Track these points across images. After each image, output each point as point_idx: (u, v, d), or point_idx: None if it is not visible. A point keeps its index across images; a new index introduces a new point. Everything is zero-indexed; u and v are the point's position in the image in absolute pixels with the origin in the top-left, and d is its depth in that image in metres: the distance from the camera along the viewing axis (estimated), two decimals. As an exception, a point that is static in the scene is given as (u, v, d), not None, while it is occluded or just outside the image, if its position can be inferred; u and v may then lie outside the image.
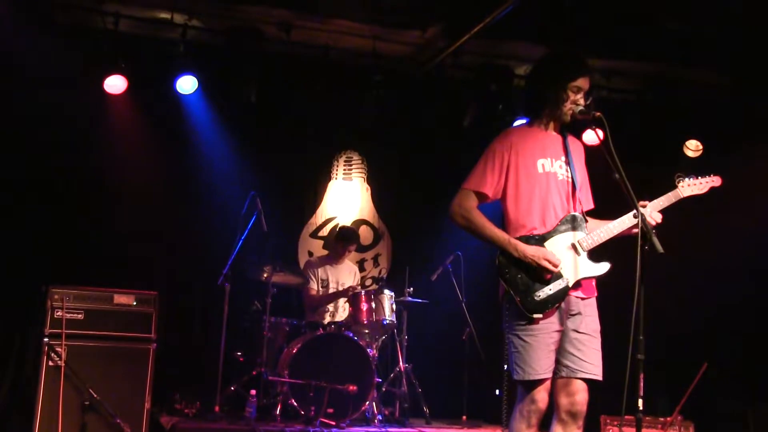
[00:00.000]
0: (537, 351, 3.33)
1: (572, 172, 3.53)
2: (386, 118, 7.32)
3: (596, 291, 3.51)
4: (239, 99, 6.77)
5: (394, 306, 6.50)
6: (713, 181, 3.66)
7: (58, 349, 5.10)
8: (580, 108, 3.46)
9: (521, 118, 5.93)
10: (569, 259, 3.41)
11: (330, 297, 6.80)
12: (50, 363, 5.08)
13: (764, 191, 6.63)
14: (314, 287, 6.84)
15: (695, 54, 6.67)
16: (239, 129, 7.17)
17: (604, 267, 3.43)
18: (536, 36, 6.49)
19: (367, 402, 5.97)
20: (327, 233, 7.75)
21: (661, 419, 5.51)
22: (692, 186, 3.61)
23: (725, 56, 6.61)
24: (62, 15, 6.43)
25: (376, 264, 7.95)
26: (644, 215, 3.28)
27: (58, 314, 5.15)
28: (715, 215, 5.97)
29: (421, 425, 6.28)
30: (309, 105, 7.15)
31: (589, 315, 3.44)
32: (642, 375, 3.05)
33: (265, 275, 6.41)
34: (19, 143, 6.18)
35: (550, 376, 3.37)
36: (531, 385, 3.35)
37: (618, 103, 7.31)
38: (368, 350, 6.17)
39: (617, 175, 3.22)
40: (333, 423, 5.64)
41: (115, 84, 6.47)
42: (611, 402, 3.55)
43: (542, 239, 3.41)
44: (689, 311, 6.92)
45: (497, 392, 5.84)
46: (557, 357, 3.38)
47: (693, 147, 7.30)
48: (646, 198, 3.50)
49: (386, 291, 6.46)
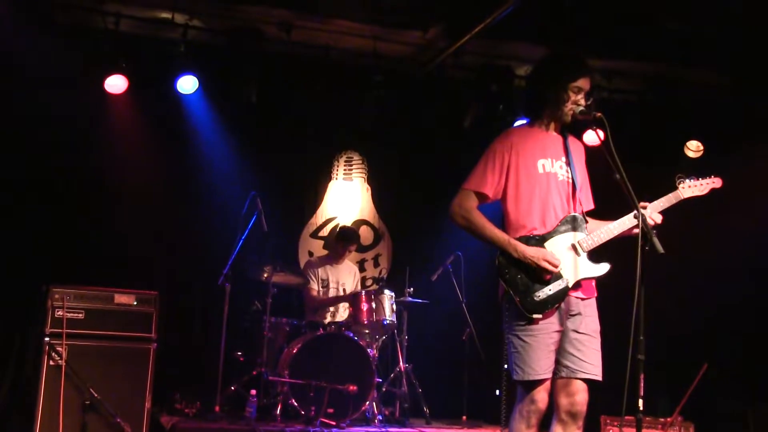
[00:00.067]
0: (537, 351, 3.33)
1: (572, 173, 3.53)
2: (386, 119, 7.32)
3: (596, 291, 3.51)
4: (240, 99, 6.77)
5: (395, 306, 6.50)
6: (714, 183, 3.66)
7: (59, 349, 5.10)
8: (581, 108, 3.46)
9: (522, 119, 5.95)
10: (569, 260, 3.41)
11: (330, 301, 6.81)
12: (51, 362, 5.07)
13: (764, 192, 6.63)
14: (315, 287, 6.84)
15: (695, 54, 6.68)
16: (240, 129, 7.16)
17: (604, 268, 3.44)
18: (537, 36, 6.49)
19: (368, 402, 5.97)
20: (327, 233, 7.75)
21: (662, 420, 5.51)
22: (693, 187, 3.61)
23: (725, 56, 6.61)
24: (62, 15, 6.43)
25: (377, 264, 7.95)
26: (645, 215, 3.28)
27: (59, 314, 5.15)
28: (715, 216, 5.96)
29: (422, 425, 6.28)
30: (309, 105, 7.15)
31: (589, 315, 3.44)
32: (642, 375, 3.05)
33: (266, 275, 6.41)
34: (19, 143, 6.18)
35: (550, 377, 3.37)
36: (531, 386, 3.35)
37: (618, 104, 7.31)
38: (368, 350, 6.17)
39: (618, 176, 3.22)
40: (333, 423, 5.64)
41: (116, 84, 6.47)
42: (611, 402, 3.55)
43: (542, 240, 3.41)
44: (689, 312, 6.92)
45: (497, 392, 5.84)
46: (557, 357, 3.38)
47: (694, 148, 7.30)
48: (647, 198, 3.50)
49: (386, 291, 6.46)
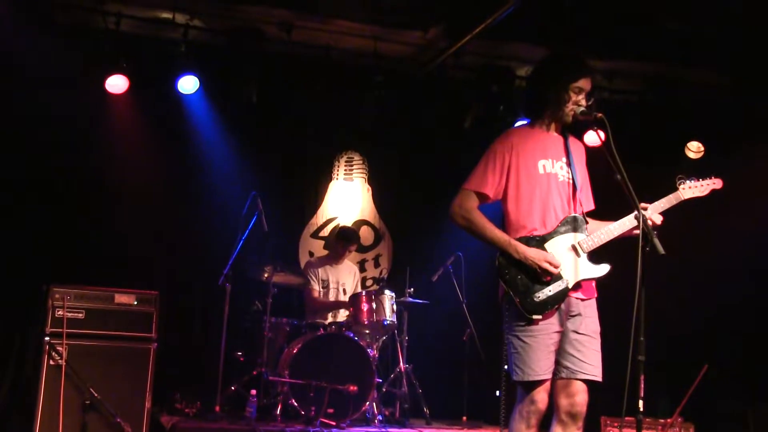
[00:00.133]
0: (536, 352, 3.33)
1: (573, 173, 3.53)
2: (387, 119, 7.32)
3: (596, 292, 3.51)
4: (240, 99, 6.77)
5: (395, 306, 6.50)
6: (714, 184, 3.66)
7: (59, 348, 5.10)
8: (582, 109, 3.46)
9: (522, 119, 5.94)
10: (569, 261, 3.41)
11: (331, 305, 6.81)
12: (51, 362, 5.07)
13: (764, 192, 6.63)
14: (316, 288, 6.84)
15: (695, 54, 6.67)
16: (240, 129, 7.16)
17: (604, 268, 3.44)
18: (537, 37, 6.49)
19: (368, 402, 5.97)
20: (328, 233, 7.75)
21: (662, 420, 5.51)
22: (693, 188, 3.61)
23: (725, 56, 6.61)
24: (63, 15, 6.43)
25: (377, 264, 7.95)
26: (645, 216, 3.28)
27: (59, 313, 5.15)
28: (716, 216, 5.96)
29: (422, 426, 6.28)
30: (310, 105, 7.15)
31: (589, 316, 3.44)
32: (642, 376, 3.05)
33: (266, 275, 6.41)
34: (19, 143, 6.18)
35: (550, 377, 3.37)
36: (530, 386, 3.35)
37: (619, 104, 7.31)
38: (369, 350, 6.17)
39: (618, 176, 3.22)
40: (333, 423, 5.64)
41: (117, 84, 6.47)
42: (612, 403, 3.55)
43: (542, 240, 3.41)
44: (690, 312, 6.92)
45: (497, 393, 5.84)
46: (557, 358, 3.38)
47: (694, 149, 7.30)
48: (647, 199, 3.50)
49: (387, 291, 6.45)
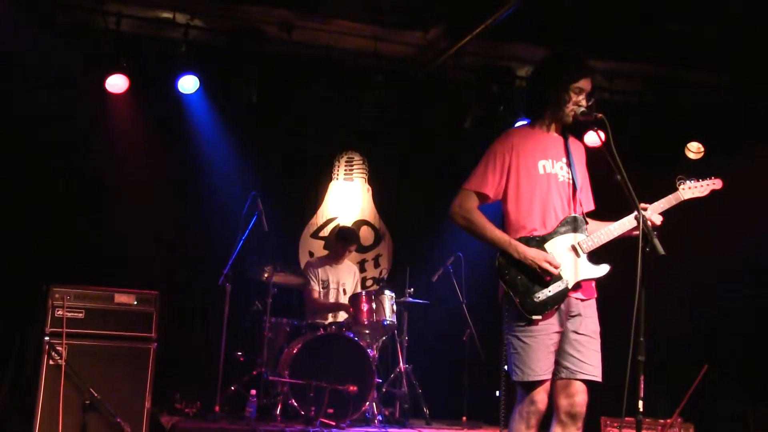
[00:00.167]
0: (536, 352, 3.33)
1: (573, 174, 3.53)
2: (387, 119, 7.32)
3: (596, 292, 3.51)
4: (240, 99, 6.77)
5: (395, 307, 6.50)
6: (714, 184, 3.66)
7: (59, 348, 5.10)
8: (582, 109, 3.46)
9: (522, 120, 5.93)
10: (569, 261, 3.41)
11: (330, 306, 6.81)
12: (51, 362, 5.08)
13: (764, 193, 6.63)
14: (315, 288, 6.84)
15: (695, 54, 6.68)
16: (240, 129, 7.16)
17: (604, 269, 3.43)
18: (537, 37, 6.49)
19: (368, 402, 5.97)
20: (328, 234, 7.75)
21: (662, 421, 5.51)
22: (693, 189, 3.61)
23: (725, 56, 6.61)
24: (63, 15, 6.43)
25: (377, 264, 7.95)
26: (645, 216, 3.27)
27: (59, 313, 5.15)
28: (716, 217, 5.96)
29: (421, 426, 6.29)
30: (310, 105, 7.14)
31: (589, 316, 3.44)
32: (642, 376, 3.04)
33: (266, 275, 6.41)
34: (19, 143, 6.18)
35: (550, 378, 3.37)
36: (530, 387, 3.35)
37: (619, 105, 7.31)
38: (368, 351, 6.17)
39: (619, 177, 3.22)
40: (333, 423, 5.64)
41: (117, 83, 6.47)
42: (611, 403, 3.55)
43: (542, 240, 3.41)
44: (690, 313, 6.92)
45: (497, 393, 5.84)
46: (557, 358, 3.38)
47: (694, 149, 7.30)
48: (647, 199, 3.50)
49: (387, 291, 6.45)
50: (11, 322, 5.92)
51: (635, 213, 3.27)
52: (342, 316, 6.77)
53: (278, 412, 5.84)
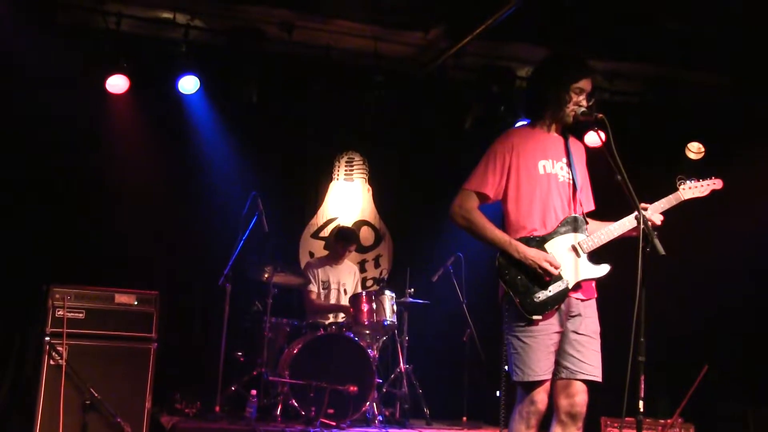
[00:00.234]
0: (536, 352, 3.33)
1: (573, 174, 3.53)
2: (387, 119, 7.33)
3: (596, 293, 3.51)
4: (240, 99, 6.77)
5: (395, 307, 6.50)
6: (714, 184, 3.66)
7: (59, 348, 5.10)
8: (583, 109, 3.46)
9: (523, 120, 5.93)
10: (569, 261, 3.41)
11: (330, 307, 6.81)
12: (51, 362, 5.07)
13: (765, 193, 6.63)
14: (314, 289, 6.84)
15: (695, 54, 6.68)
16: (240, 129, 7.16)
17: (604, 269, 3.44)
18: (538, 37, 6.49)
19: (368, 403, 5.97)
20: (328, 234, 7.75)
21: (662, 421, 5.51)
22: (693, 189, 3.62)
23: (725, 56, 6.61)
24: (63, 15, 6.43)
25: (377, 265, 7.95)
26: (645, 217, 3.27)
27: (60, 313, 5.15)
28: (716, 217, 5.96)
29: (422, 426, 6.29)
30: (310, 105, 7.15)
31: (589, 316, 3.44)
32: (643, 377, 3.05)
33: (266, 275, 6.40)
34: (19, 143, 6.17)
35: (550, 378, 3.37)
36: (530, 387, 3.35)
37: (619, 105, 7.31)
38: (369, 351, 6.17)
39: (619, 177, 3.22)
40: (333, 423, 5.64)
41: (117, 83, 6.47)
42: (612, 404, 3.55)
43: (542, 241, 3.41)
44: (690, 313, 6.92)
45: (497, 393, 5.84)
46: (557, 358, 3.38)
47: (695, 149, 7.30)
48: (647, 199, 3.50)
49: (387, 292, 6.46)
50: (11, 322, 5.92)
51: (635, 213, 3.27)
52: (342, 317, 6.78)
53: (278, 413, 5.84)
